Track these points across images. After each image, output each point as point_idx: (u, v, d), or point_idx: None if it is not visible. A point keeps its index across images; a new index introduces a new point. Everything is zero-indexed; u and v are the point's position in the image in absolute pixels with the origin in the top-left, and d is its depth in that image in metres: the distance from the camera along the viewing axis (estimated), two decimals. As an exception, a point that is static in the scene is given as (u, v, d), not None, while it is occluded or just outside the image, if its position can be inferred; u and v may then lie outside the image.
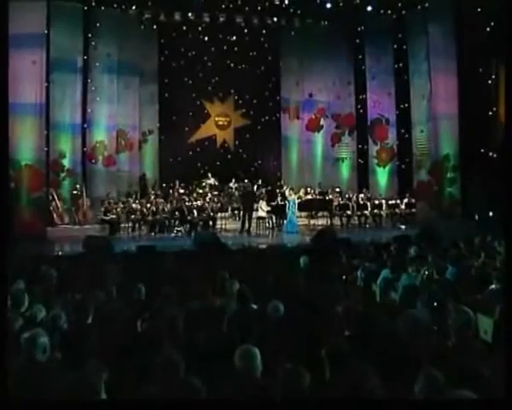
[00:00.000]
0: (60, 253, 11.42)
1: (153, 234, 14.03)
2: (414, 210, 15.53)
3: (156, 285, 6.21)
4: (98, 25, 15.96)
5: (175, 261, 8.88)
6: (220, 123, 19.12)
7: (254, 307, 5.40)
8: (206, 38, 17.38)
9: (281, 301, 4.90)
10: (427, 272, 7.15)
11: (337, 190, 17.18)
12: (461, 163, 15.22)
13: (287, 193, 15.56)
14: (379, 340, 4.06)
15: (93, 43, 15.85)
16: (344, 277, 8.08)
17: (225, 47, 17.72)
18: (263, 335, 4.36)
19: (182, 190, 16.50)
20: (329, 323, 4.84)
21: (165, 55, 17.87)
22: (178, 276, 7.26)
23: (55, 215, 14.59)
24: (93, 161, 16.35)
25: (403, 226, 14.75)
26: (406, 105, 16.86)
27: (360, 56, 18.10)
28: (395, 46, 17.16)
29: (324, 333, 4.28)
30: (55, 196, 14.72)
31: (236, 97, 18.92)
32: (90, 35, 15.65)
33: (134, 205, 14.52)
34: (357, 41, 18.07)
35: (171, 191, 16.40)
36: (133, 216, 14.19)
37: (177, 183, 16.88)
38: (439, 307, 5.14)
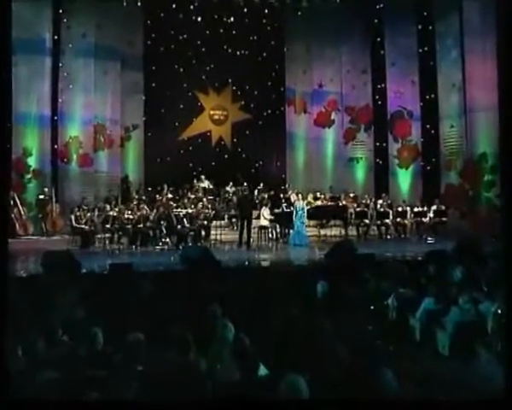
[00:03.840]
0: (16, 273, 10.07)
1: (134, 247, 13.27)
2: (444, 219, 14.69)
3: (120, 327, 5.20)
4: (72, -1, 15.49)
5: (153, 286, 7.61)
6: (216, 117, 18.92)
7: (262, 373, 4.16)
8: (200, 19, 17.06)
9: (302, 373, 3.48)
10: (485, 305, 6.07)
11: (351, 194, 16.64)
12: (501, 164, 13.85)
13: (292, 199, 15.18)
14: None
15: (65, 20, 15.34)
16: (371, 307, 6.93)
17: (221, 29, 17.49)
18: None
19: (171, 195, 16.03)
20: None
21: (152, 37, 17.48)
22: (154, 310, 6.08)
23: (17, 224, 13.88)
24: (65, 160, 15.87)
25: (431, 239, 13.97)
26: (433, 96, 16.49)
27: (378, 39, 17.64)
28: (419, 26, 16.68)
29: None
30: (18, 202, 14.08)
31: (234, 88, 18.76)
32: (61, 10, 15.18)
33: (111, 212, 13.73)
34: (375, 21, 17.55)
35: (158, 196, 15.90)
36: (108, 225, 13.42)
37: (166, 187, 16.38)
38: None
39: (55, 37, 15.15)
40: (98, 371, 4.18)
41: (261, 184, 17.01)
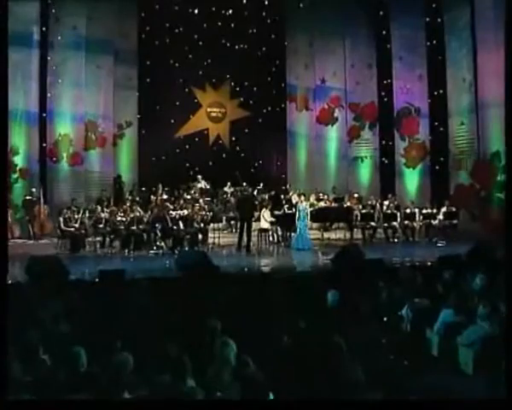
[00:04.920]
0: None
1: (126, 251, 13.02)
2: (455, 221, 14.51)
3: (107, 344, 4.99)
4: (61, -12, 15.71)
5: (146, 295, 7.28)
6: (213, 115, 18.92)
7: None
8: (197, 11, 17.02)
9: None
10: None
11: (355, 196, 16.55)
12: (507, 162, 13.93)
13: (294, 200, 15.18)
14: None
15: (54, 11, 15.32)
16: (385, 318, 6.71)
17: (219, 22, 17.45)
18: None
19: (166, 196, 15.92)
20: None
21: (146, 30, 17.39)
22: (145, 325, 5.68)
23: (2, 227, 13.21)
24: (54, 159, 15.82)
25: (442, 242, 13.77)
26: (441, 91, 16.36)
27: (384, 32, 17.48)
28: (427, 18, 16.51)
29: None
30: (4, 203, 13.58)
31: (233, 84, 18.75)
32: (49, 1, 15.25)
33: (103, 214, 13.60)
34: (381, 13, 17.44)
35: (152, 197, 15.81)
36: (100, 228, 13.28)
37: (161, 187, 16.32)
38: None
39: (43, 28, 15.11)
40: (79, 396, 3.85)
41: (261, 185, 16.89)
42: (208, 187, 16.88)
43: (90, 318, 6.11)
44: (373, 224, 14.57)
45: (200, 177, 16.99)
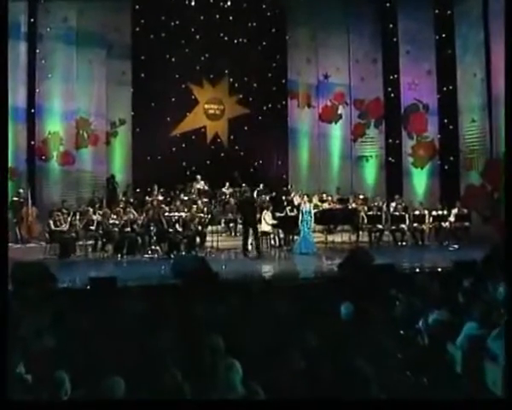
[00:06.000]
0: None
1: (119, 256, 12.97)
2: (467, 224, 14.44)
3: (96, 365, 4.59)
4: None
5: (139, 306, 6.86)
6: (211, 112, 18.70)
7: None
8: (194, 3, 16.81)
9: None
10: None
11: (361, 197, 16.52)
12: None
13: (296, 201, 15.17)
14: None
15: (42, 1, 15.31)
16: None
17: (217, 15, 17.33)
18: None
19: (161, 198, 15.85)
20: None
21: (141, 24, 17.24)
22: (138, 343, 5.23)
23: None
24: (43, 157, 15.80)
25: (454, 246, 13.65)
26: (451, 87, 16.28)
27: (391, 25, 17.46)
28: (436, 10, 16.50)
29: None
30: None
31: (231, 80, 18.55)
32: None
33: (95, 216, 13.48)
34: (387, 5, 17.50)
35: (147, 199, 15.76)
36: (93, 229, 13.18)
37: (156, 188, 16.28)
38: None
39: (32, 19, 15.08)
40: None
41: (261, 186, 16.70)
42: (206, 188, 16.81)
43: (76, 332, 5.74)
44: (380, 226, 14.52)
45: (199, 177, 16.94)
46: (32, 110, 15.44)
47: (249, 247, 13.18)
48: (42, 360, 4.87)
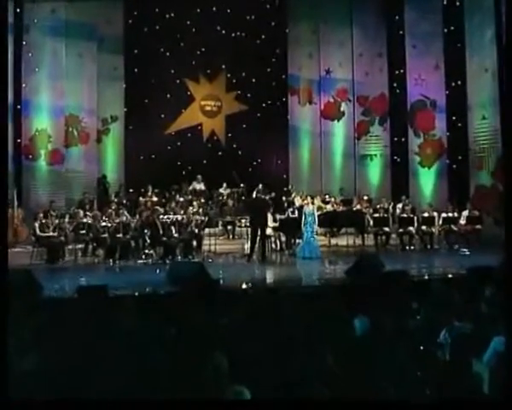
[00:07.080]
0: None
1: (111, 261, 12.75)
2: (479, 227, 14.14)
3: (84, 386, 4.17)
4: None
5: (131, 319, 6.46)
6: (208, 109, 18.72)
7: None
8: None
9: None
10: None
11: (365, 197, 16.35)
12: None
13: (297, 202, 15.03)
14: None
15: None
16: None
17: (214, 7, 17.29)
18: None
19: (156, 198, 15.75)
20: None
21: (134, 16, 17.20)
22: (129, 367, 4.70)
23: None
24: (30, 156, 15.77)
25: (465, 250, 13.40)
26: (460, 82, 16.15)
27: (397, 17, 17.26)
28: (445, 1, 16.33)
29: None
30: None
31: (229, 75, 18.52)
32: None
33: (85, 219, 13.30)
34: None
35: (141, 200, 15.68)
36: (83, 232, 12.99)
37: (150, 188, 16.13)
38: None
39: (18, 10, 15.01)
40: None
41: (260, 186, 16.23)
42: (203, 188, 16.72)
43: (62, 348, 5.24)
44: (387, 229, 14.25)
45: (200, 176, 16.88)
46: (19, 106, 15.35)
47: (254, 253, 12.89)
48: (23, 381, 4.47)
